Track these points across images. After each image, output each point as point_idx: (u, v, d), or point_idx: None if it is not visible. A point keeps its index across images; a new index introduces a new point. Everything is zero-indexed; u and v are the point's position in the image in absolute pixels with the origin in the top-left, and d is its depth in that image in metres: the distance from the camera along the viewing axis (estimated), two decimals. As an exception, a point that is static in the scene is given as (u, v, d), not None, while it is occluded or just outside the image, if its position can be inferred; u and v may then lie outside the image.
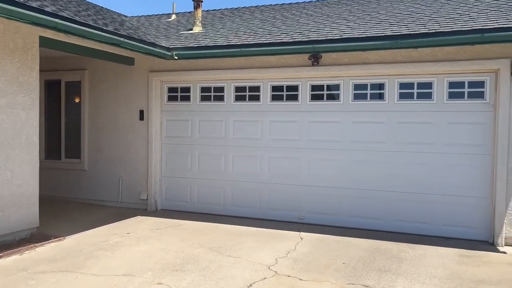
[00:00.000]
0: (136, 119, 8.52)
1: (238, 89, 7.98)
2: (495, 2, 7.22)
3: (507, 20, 6.07)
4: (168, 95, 8.50)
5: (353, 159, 7.19)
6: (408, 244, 6.25)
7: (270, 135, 7.75)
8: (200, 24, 8.95)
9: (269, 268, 5.23)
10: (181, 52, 7.52)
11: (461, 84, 6.63)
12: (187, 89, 8.35)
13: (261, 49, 7.09)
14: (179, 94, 8.42)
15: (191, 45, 7.73)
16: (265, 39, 7.31)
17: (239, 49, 7.13)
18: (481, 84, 6.53)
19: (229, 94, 8.02)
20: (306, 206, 7.49)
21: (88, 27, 6.07)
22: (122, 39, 6.63)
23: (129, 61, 8.28)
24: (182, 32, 8.91)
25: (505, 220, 6.25)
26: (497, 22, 6.08)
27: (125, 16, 10.43)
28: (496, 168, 6.29)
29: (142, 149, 8.48)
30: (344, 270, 5.21)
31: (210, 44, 7.62)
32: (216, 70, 7.91)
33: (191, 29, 8.94)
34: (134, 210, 8.37)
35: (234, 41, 7.53)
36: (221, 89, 8.09)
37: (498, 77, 6.29)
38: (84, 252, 5.72)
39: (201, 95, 8.25)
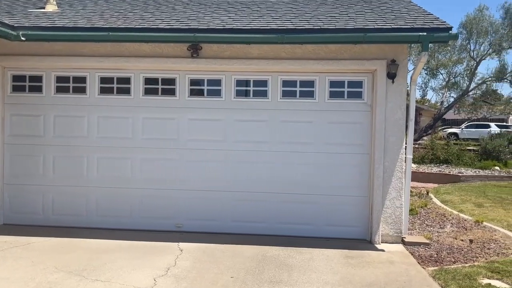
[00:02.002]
0: (-31, 113, 6.78)
1: (104, 80, 6.86)
2: (367, 5, 7.42)
3: (385, 22, 6.21)
4: (13, 85, 6.95)
5: (235, 159, 6.70)
6: (295, 248, 5.99)
7: (143, 134, 6.82)
8: (54, 2, 7.53)
9: (147, 292, 4.41)
10: (30, 33, 6.12)
11: (341, 84, 6.62)
12: (38, 78, 6.92)
13: (134, 35, 6.14)
14: (27, 84, 6.93)
15: (43, 25, 6.37)
16: (137, 24, 6.37)
17: (106, 33, 6.07)
18: (359, 84, 6.60)
19: (93, 85, 6.85)
20: (184, 213, 6.77)
21: None
22: None
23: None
24: (31, 10, 7.38)
25: (382, 218, 6.41)
26: (376, 23, 6.17)
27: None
28: (374, 167, 6.41)
29: (-23, 150, 6.78)
30: (234, 285, 4.67)
31: (70, 25, 6.37)
32: (76, 57, 6.68)
33: (43, 8, 7.47)
34: (-34, 228, 6.66)
35: (100, 23, 6.42)
36: (82, 79, 6.87)
37: (375, 77, 6.41)
38: None
39: (57, 86, 6.91)
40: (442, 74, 22.52)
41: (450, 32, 5.82)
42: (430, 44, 5.80)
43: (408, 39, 6.04)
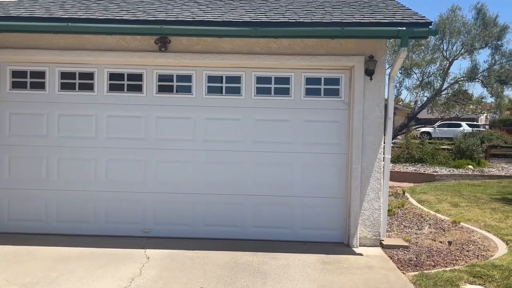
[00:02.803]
0: None
1: (64, 75, 6.37)
2: None
3: (363, 16, 5.96)
4: (-36, 79, 6.38)
5: (207, 160, 6.33)
6: (269, 253, 5.67)
7: (107, 133, 6.37)
8: (11, -9, 6.98)
9: (107, 307, 4.01)
10: (-19, 21, 5.60)
11: (318, 81, 6.34)
12: (-8, 73, 6.38)
13: (96, 26, 5.68)
14: (-20, 79, 6.38)
15: (-4, 14, 5.85)
16: (100, 15, 5.92)
17: (65, 24, 5.58)
18: (336, 81, 6.33)
19: (53, 81, 6.35)
20: (152, 217, 6.36)
21: None
22: None
23: None
24: (-15, -1, 6.81)
25: (359, 220, 6.16)
26: (354, 17, 5.91)
27: None
28: (351, 167, 6.15)
29: None
30: (203, 297, 4.31)
31: (25, 15, 5.87)
32: (33, 49, 6.17)
33: (-1, -3, 6.91)
34: None
35: (59, 14, 5.94)
36: (41, 74, 6.36)
37: (353, 74, 6.16)
38: None
39: (13, 81, 6.38)
40: (416, 73, 22.62)
41: (429, 27, 5.61)
42: (409, 40, 5.56)
43: (387, 33, 5.79)
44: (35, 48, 6.15)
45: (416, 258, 5.70)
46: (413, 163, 15.99)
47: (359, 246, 6.10)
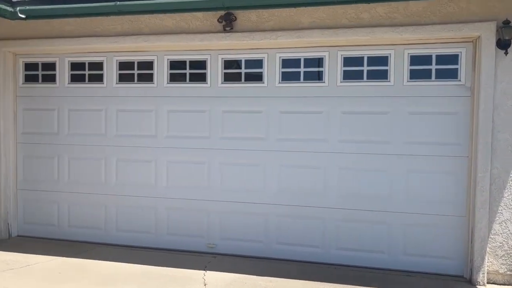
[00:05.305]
0: (-22, 109, 5.92)
1: (123, 65, 5.64)
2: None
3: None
4: (25, 74, 5.97)
5: (281, 163, 5.15)
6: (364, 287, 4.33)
7: (168, 131, 5.51)
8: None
9: None
10: (29, 8, 5.02)
11: (426, 59, 4.77)
12: (51, 66, 5.87)
13: (146, 3, 4.77)
14: (40, 73, 5.92)
15: (44, -2, 5.26)
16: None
17: (113, 3, 4.78)
18: (453, 58, 4.71)
19: (111, 72, 5.66)
20: (218, 230, 5.36)
21: None
22: None
23: (-35, 24, 5.68)
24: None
25: (488, 248, 4.50)
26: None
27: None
28: (475, 176, 4.51)
29: (-12, 151, 5.91)
30: None
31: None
32: (90, 37, 5.51)
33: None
34: (-24, 239, 5.84)
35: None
36: (99, 66, 5.71)
37: (478, 48, 4.50)
38: None
39: (72, 74, 5.81)
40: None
41: None
42: None
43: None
44: (93, 35, 5.48)
45: None
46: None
47: (487, 283, 4.46)
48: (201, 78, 5.37)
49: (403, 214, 4.83)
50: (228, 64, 5.30)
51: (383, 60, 4.86)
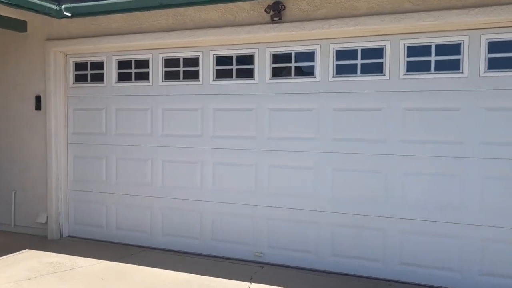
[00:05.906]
0: (32, 109, 5.98)
1: (168, 62, 5.42)
2: None
3: None
4: (76, 74, 5.95)
5: (335, 166, 4.64)
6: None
7: (214, 130, 5.20)
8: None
9: None
10: (73, 6, 4.95)
11: (508, 46, 4.04)
12: (99, 65, 5.79)
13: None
14: (89, 72, 5.87)
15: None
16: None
17: (155, -3, 4.54)
18: (543, 44, 3.95)
19: (156, 70, 5.46)
20: (266, 238, 4.97)
21: None
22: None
23: (20, 26, 5.76)
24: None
25: None
26: None
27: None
28: None
29: (41, 151, 5.95)
30: None
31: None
32: (135, 34, 5.34)
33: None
34: (30, 238, 5.90)
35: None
36: (145, 63, 5.53)
37: None
38: None
39: (119, 73, 5.69)
40: None
41: None
42: None
43: None
44: (138, 32, 5.30)
45: None
46: None
47: None
48: (248, 74, 5.00)
49: (477, 228, 4.14)
50: (276, 58, 4.88)
51: (455, 48, 4.19)
